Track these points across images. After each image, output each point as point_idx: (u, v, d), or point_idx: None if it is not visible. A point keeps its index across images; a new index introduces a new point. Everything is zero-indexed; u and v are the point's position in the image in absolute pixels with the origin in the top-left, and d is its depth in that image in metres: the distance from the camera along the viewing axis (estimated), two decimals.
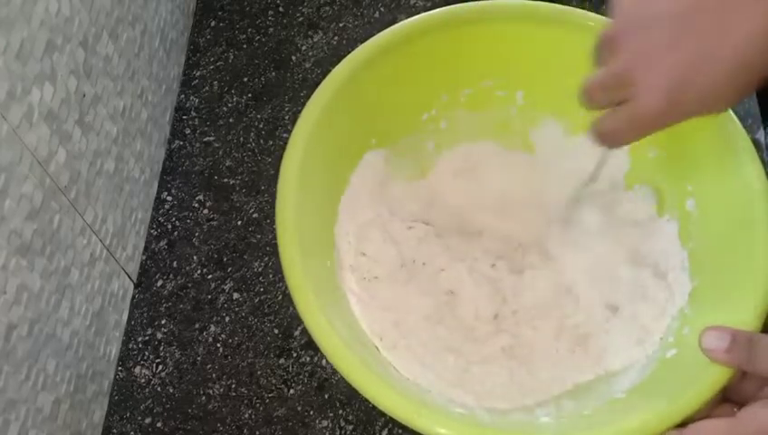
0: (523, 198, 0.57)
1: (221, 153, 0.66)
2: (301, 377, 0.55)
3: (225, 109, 0.68)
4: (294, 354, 0.56)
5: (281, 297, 0.59)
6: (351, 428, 0.53)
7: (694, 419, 0.40)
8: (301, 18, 0.73)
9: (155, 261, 0.61)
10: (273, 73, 0.70)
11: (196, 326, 0.58)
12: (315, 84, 0.52)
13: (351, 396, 0.54)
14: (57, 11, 0.47)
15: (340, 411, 0.54)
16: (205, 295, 0.59)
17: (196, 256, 0.61)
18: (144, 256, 0.62)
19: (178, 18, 0.70)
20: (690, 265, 0.49)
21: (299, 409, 0.54)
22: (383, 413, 0.41)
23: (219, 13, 0.74)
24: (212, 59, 0.71)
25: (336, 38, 0.71)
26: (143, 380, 0.57)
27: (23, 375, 0.45)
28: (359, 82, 0.52)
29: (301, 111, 0.51)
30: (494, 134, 0.58)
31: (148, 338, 0.58)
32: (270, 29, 0.72)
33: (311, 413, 0.54)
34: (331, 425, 0.53)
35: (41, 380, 0.47)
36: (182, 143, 0.67)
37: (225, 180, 0.64)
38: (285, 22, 0.73)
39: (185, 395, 0.56)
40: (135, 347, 0.58)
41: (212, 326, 0.58)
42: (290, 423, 0.54)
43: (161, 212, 0.63)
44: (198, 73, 0.70)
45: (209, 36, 0.72)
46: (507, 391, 0.48)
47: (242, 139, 0.66)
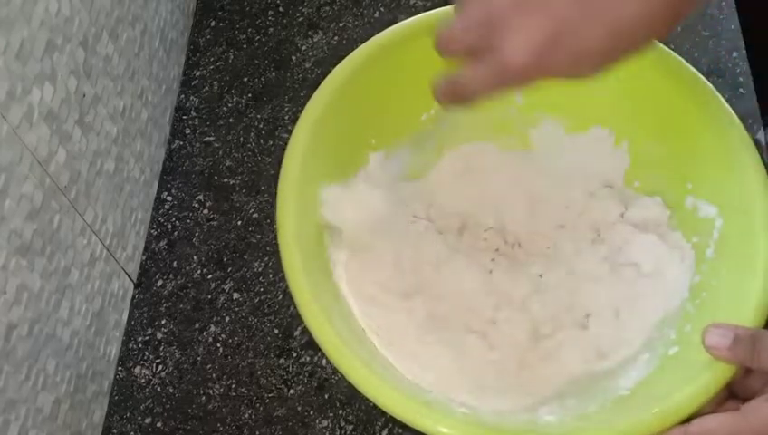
0: (523, 198, 0.57)
1: (221, 153, 0.66)
2: (301, 377, 0.55)
3: (225, 109, 0.68)
4: (294, 354, 0.56)
5: (281, 297, 0.59)
6: (351, 428, 0.53)
7: (699, 415, 0.40)
8: (301, 18, 0.73)
9: (155, 261, 0.61)
10: (273, 73, 0.70)
11: (196, 326, 0.58)
12: (315, 84, 0.52)
13: (351, 396, 0.54)
14: (57, 11, 0.47)
15: (340, 411, 0.54)
16: (205, 295, 0.59)
17: (196, 256, 0.61)
18: (144, 256, 0.62)
19: (178, 18, 0.70)
20: (694, 261, 0.49)
21: (299, 409, 0.54)
22: (383, 413, 0.41)
23: (219, 13, 0.74)
24: (212, 59, 0.71)
25: (336, 38, 0.71)
26: (143, 380, 0.57)
27: (23, 375, 0.45)
28: (358, 82, 0.52)
29: (301, 111, 0.51)
30: (493, 134, 0.58)
31: (148, 338, 0.58)
32: (270, 29, 0.72)
33: (311, 413, 0.54)
34: (331, 425, 0.53)
35: (41, 380, 0.47)
36: (182, 143, 0.67)
37: (225, 180, 0.64)
38: (285, 22, 0.73)
39: (185, 395, 0.56)
40: (135, 347, 0.58)
41: (212, 326, 0.58)
42: (290, 423, 0.54)
43: (161, 212, 0.63)
44: (198, 73, 0.70)
45: (209, 36, 0.72)
46: (508, 389, 0.48)
47: (242, 139, 0.66)
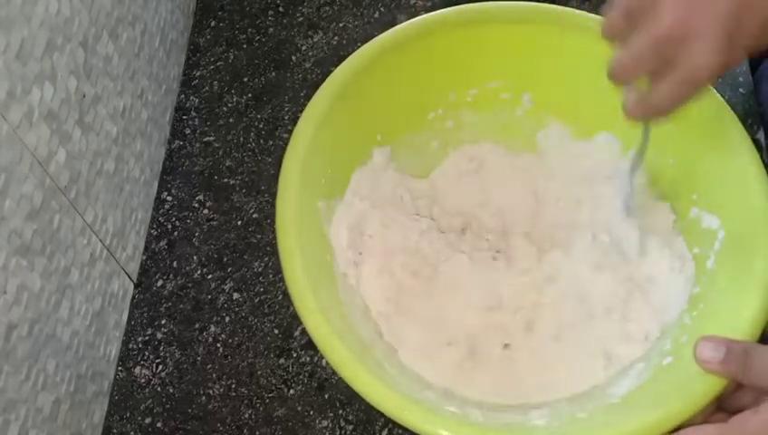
0: (526, 200, 0.57)
1: (221, 153, 0.66)
2: (301, 377, 0.55)
3: (225, 109, 0.68)
4: (294, 354, 0.56)
5: (281, 297, 0.59)
6: (351, 428, 0.53)
7: (687, 426, 0.40)
8: (301, 18, 0.73)
9: (155, 261, 0.61)
10: (273, 73, 0.70)
11: (196, 326, 0.58)
12: (315, 84, 0.52)
13: (351, 396, 0.54)
14: (57, 11, 0.47)
15: (340, 411, 0.54)
16: (205, 295, 0.59)
17: (196, 256, 0.61)
18: (144, 256, 0.62)
19: (178, 18, 0.70)
20: (695, 272, 0.49)
21: (299, 409, 0.54)
22: (383, 413, 0.41)
23: (219, 13, 0.74)
24: (212, 59, 0.71)
25: (336, 38, 0.71)
26: (143, 380, 0.57)
27: (23, 375, 0.45)
28: (366, 78, 0.52)
29: (301, 112, 0.51)
30: (499, 136, 0.58)
31: (148, 338, 0.58)
32: (270, 29, 0.72)
33: (311, 413, 0.54)
34: (331, 425, 0.53)
35: (41, 380, 0.47)
36: (182, 143, 0.67)
37: (225, 180, 0.64)
38: (285, 22, 0.73)
39: (185, 395, 0.56)
40: (135, 347, 0.58)
41: (212, 326, 0.58)
42: (290, 423, 0.54)
43: (161, 212, 0.63)
44: (198, 73, 0.70)
45: (209, 36, 0.72)
46: (505, 390, 0.48)
47: (242, 139, 0.66)
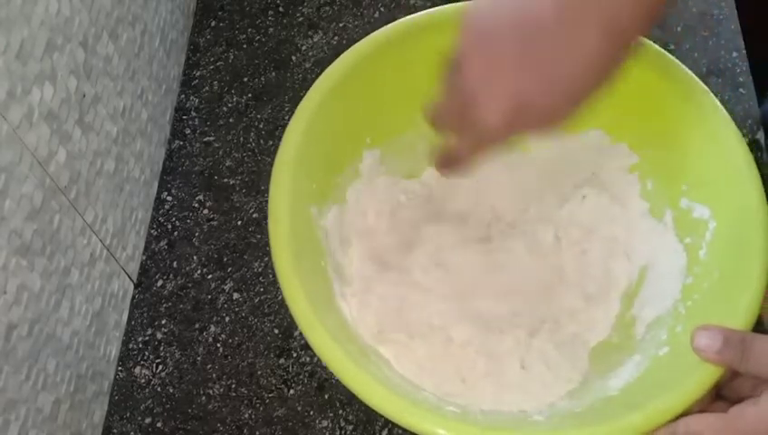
0: (518, 196, 0.57)
1: (221, 153, 0.66)
2: (301, 377, 0.55)
3: (225, 109, 0.68)
4: (294, 354, 0.56)
5: (281, 297, 0.59)
6: (351, 428, 0.53)
7: (687, 415, 0.40)
8: (301, 18, 0.73)
9: (155, 261, 0.61)
10: (273, 73, 0.70)
11: (196, 326, 0.58)
12: None
13: (351, 396, 0.54)
14: (57, 11, 0.47)
15: (340, 411, 0.54)
16: (205, 295, 0.59)
17: (196, 256, 0.61)
18: (144, 256, 0.62)
19: (178, 18, 0.70)
20: (687, 263, 0.49)
21: (299, 409, 0.54)
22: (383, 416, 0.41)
23: (219, 13, 0.74)
24: (212, 59, 0.71)
25: (336, 38, 0.71)
26: (143, 380, 0.57)
27: (23, 375, 0.45)
28: (353, 80, 0.52)
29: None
30: None
31: (148, 338, 0.58)
32: (270, 29, 0.72)
33: (311, 413, 0.54)
34: (331, 425, 0.53)
35: (41, 380, 0.47)
36: (182, 143, 0.67)
37: (225, 180, 0.64)
38: (285, 22, 0.73)
39: (185, 395, 0.56)
40: (135, 347, 0.58)
41: (212, 326, 0.58)
42: (290, 423, 0.54)
43: (161, 212, 0.63)
44: (198, 73, 0.70)
45: (209, 36, 0.72)
46: (500, 393, 0.48)
47: (242, 139, 0.66)
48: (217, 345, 0.57)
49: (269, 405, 0.55)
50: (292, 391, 0.55)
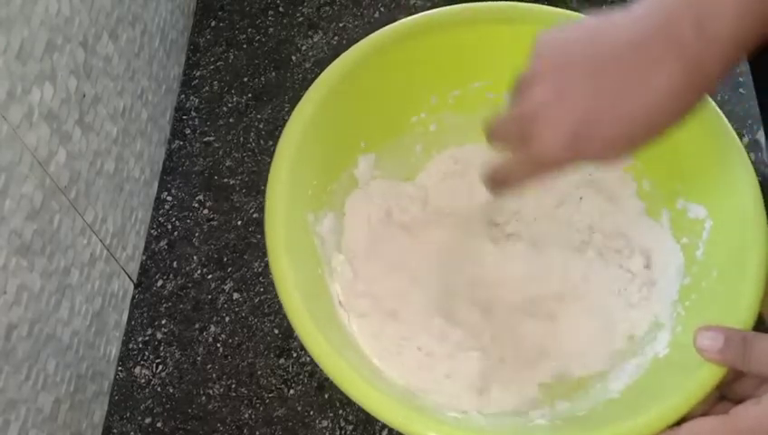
0: (515, 199, 0.57)
1: (221, 153, 0.66)
2: (301, 377, 0.55)
3: (225, 109, 0.68)
4: (294, 354, 0.56)
5: None
6: (351, 428, 0.53)
7: (690, 416, 0.40)
8: (301, 18, 0.73)
9: (155, 261, 0.61)
10: (273, 73, 0.70)
11: (196, 326, 0.58)
12: None
13: None
14: (57, 11, 0.47)
15: (340, 411, 0.54)
16: (205, 295, 0.59)
17: (196, 256, 0.61)
18: (144, 256, 0.62)
19: (178, 18, 0.70)
20: (684, 263, 0.49)
21: (299, 409, 0.54)
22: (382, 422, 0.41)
23: (219, 13, 0.74)
24: (212, 59, 0.71)
25: (336, 38, 0.71)
26: (143, 380, 0.57)
27: (23, 375, 0.45)
28: (348, 85, 0.52)
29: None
30: (483, 137, 0.58)
31: (148, 338, 0.58)
32: (270, 29, 0.72)
33: (311, 413, 0.54)
34: (330, 425, 0.53)
35: (41, 380, 0.47)
36: (182, 143, 0.67)
37: (225, 180, 0.64)
38: (285, 22, 0.73)
39: (185, 395, 0.56)
40: (135, 347, 0.58)
41: (212, 326, 0.58)
42: (290, 423, 0.54)
43: (161, 212, 0.63)
44: (198, 73, 0.70)
45: (209, 36, 0.72)
46: (502, 390, 0.48)
47: (242, 139, 0.66)
48: (217, 345, 0.57)
49: (269, 405, 0.55)
50: (292, 391, 0.55)
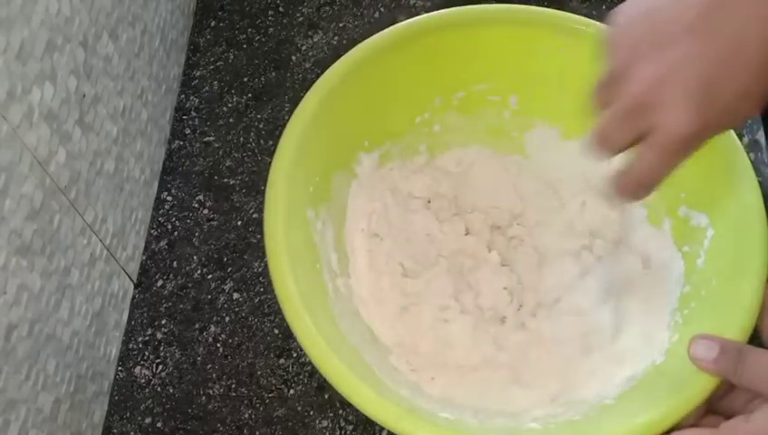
0: (515, 201, 0.57)
1: (221, 153, 0.66)
2: (301, 377, 0.55)
3: (225, 109, 0.68)
4: (294, 354, 0.56)
5: None
6: (351, 428, 0.53)
7: (680, 427, 0.40)
8: (301, 18, 0.73)
9: (155, 261, 0.61)
10: (273, 73, 0.70)
11: (196, 326, 0.58)
12: None
13: None
14: (57, 11, 0.47)
15: (340, 411, 0.54)
16: (205, 295, 0.59)
17: (196, 256, 0.61)
18: (144, 256, 0.62)
19: (178, 18, 0.70)
20: (685, 271, 0.49)
21: (299, 409, 0.54)
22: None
23: (219, 13, 0.74)
24: (212, 59, 0.71)
25: (336, 38, 0.71)
26: (143, 380, 0.57)
27: (23, 375, 0.45)
28: (352, 84, 0.52)
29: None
30: (487, 138, 0.58)
31: (148, 338, 0.58)
32: (270, 29, 0.72)
33: (311, 413, 0.54)
34: (330, 425, 0.53)
35: (41, 380, 0.47)
36: (182, 143, 0.67)
37: (225, 180, 0.64)
38: (285, 22, 0.73)
39: (185, 395, 0.56)
40: (135, 347, 0.58)
41: (212, 326, 0.58)
42: (290, 423, 0.54)
43: (161, 212, 0.63)
44: (198, 73, 0.70)
45: (209, 36, 0.72)
46: (500, 397, 0.48)
47: (242, 139, 0.66)
48: (217, 345, 0.57)
49: (269, 405, 0.55)
50: (292, 391, 0.55)
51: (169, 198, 0.64)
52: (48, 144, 0.47)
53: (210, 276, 0.60)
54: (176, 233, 0.62)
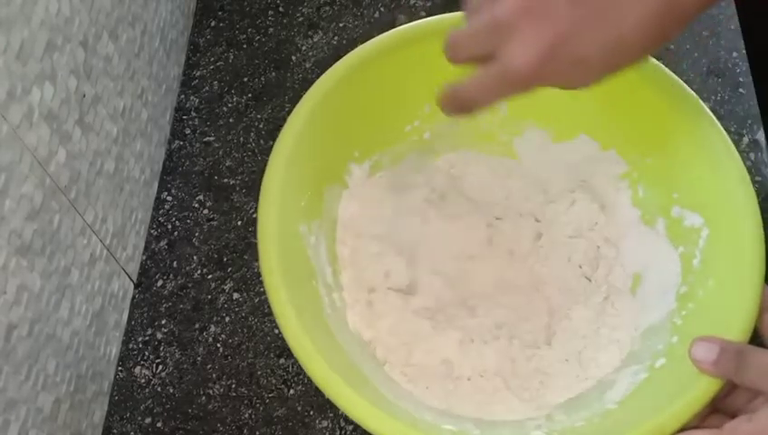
0: (505, 204, 0.57)
1: (221, 153, 0.66)
2: (301, 377, 0.55)
3: (225, 109, 0.68)
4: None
5: None
6: (351, 428, 0.53)
7: (682, 429, 0.40)
8: (301, 18, 0.73)
9: (155, 261, 0.61)
10: (273, 73, 0.70)
11: (196, 326, 0.58)
12: None
13: None
14: (57, 11, 0.47)
15: (340, 411, 0.54)
16: (205, 295, 0.59)
17: (196, 256, 0.61)
18: (144, 256, 0.62)
19: (178, 18, 0.70)
20: (681, 271, 0.49)
21: (299, 409, 0.54)
22: None
23: (219, 13, 0.74)
24: (212, 59, 0.71)
25: (336, 38, 0.71)
26: (143, 380, 0.57)
27: (23, 375, 0.45)
28: (341, 94, 0.51)
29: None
30: (477, 144, 0.58)
31: (148, 338, 0.58)
32: (270, 29, 0.72)
33: (311, 413, 0.54)
34: (330, 425, 0.53)
35: (41, 380, 0.47)
36: (182, 143, 0.67)
37: (225, 180, 0.64)
38: (285, 22, 0.73)
39: (185, 395, 0.56)
40: (135, 347, 0.58)
41: (212, 326, 0.58)
42: (290, 423, 0.54)
43: (161, 212, 0.63)
44: (198, 73, 0.70)
45: (209, 36, 0.72)
46: (500, 404, 0.48)
47: (242, 139, 0.66)
48: (217, 345, 0.57)
49: (269, 405, 0.55)
50: (292, 391, 0.55)
51: (169, 198, 0.64)
52: (48, 144, 0.47)
53: (210, 276, 0.60)
54: (176, 233, 0.62)
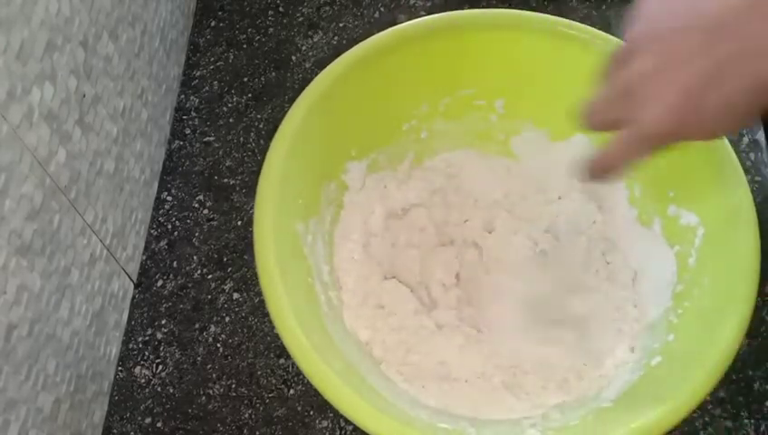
0: (503, 202, 0.57)
1: (221, 153, 0.66)
2: (301, 377, 0.55)
3: (225, 109, 0.68)
4: None
5: None
6: (351, 428, 0.53)
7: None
8: (301, 18, 0.73)
9: (155, 261, 0.61)
10: (273, 73, 0.70)
11: (196, 326, 0.58)
12: None
13: None
14: (57, 11, 0.47)
15: (340, 411, 0.54)
16: (205, 295, 0.59)
17: (196, 256, 0.61)
18: (144, 256, 0.62)
19: (178, 18, 0.70)
20: (677, 270, 0.49)
21: (299, 409, 0.54)
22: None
23: (219, 13, 0.74)
24: (212, 59, 0.71)
25: (336, 38, 0.71)
26: (143, 380, 0.57)
27: (23, 375, 0.45)
28: (338, 93, 0.52)
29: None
30: (474, 143, 0.58)
31: (148, 338, 0.58)
32: (270, 29, 0.72)
33: (311, 413, 0.54)
34: (330, 425, 0.53)
35: (41, 380, 0.47)
36: (182, 143, 0.67)
37: (225, 180, 0.64)
38: (285, 22, 0.73)
39: (185, 395, 0.56)
40: (135, 347, 0.58)
41: (212, 326, 0.58)
42: (290, 423, 0.54)
43: (161, 212, 0.63)
44: (198, 73, 0.70)
45: (209, 36, 0.72)
46: (496, 403, 0.48)
47: (242, 139, 0.66)
48: (217, 345, 0.57)
49: (269, 405, 0.55)
50: (292, 391, 0.55)
51: (169, 198, 0.64)
52: (48, 144, 0.47)
53: (210, 276, 0.60)
54: (176, 233, 0.62)
